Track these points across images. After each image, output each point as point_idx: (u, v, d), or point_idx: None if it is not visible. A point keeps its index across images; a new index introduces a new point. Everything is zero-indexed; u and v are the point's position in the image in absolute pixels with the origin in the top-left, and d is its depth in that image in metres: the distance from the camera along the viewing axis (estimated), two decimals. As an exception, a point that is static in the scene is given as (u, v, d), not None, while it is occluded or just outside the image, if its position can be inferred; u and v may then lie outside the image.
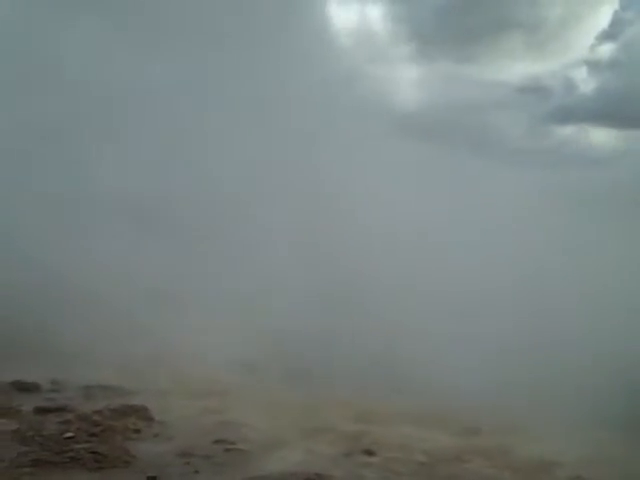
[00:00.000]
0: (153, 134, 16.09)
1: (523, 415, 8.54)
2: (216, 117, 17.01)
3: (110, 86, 16.25)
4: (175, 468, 6.19)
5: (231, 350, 10.47)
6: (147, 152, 15.44)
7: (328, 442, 7.05)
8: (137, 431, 7.12)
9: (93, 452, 6.27)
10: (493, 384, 9.07)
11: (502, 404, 8.96)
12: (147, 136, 15.98)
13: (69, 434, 6.70)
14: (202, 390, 8.99)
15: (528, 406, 8.82)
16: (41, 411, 7.50)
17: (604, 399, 8.86)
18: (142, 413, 7.57)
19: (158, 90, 16.50)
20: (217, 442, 6.88)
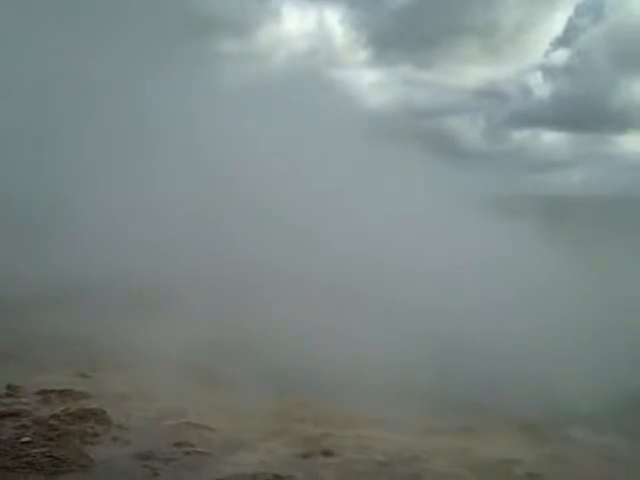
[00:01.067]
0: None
1: (481, 414, 8.70)
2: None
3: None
4: (134, 471, 6.16)
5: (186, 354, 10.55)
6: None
7: (287, 444, 7.05)
8: (95, 435, 7.03)
9: (50, 456, 6.20)
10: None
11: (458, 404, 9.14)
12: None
13: (25, 439, 6.62)
14: (160, 393, 8.97)
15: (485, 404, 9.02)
16: (-4, 416, 7.40)
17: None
18: (100, 417, 7.49)
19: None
20: (176, 445, 6.84)
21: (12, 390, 8.46)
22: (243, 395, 9.23)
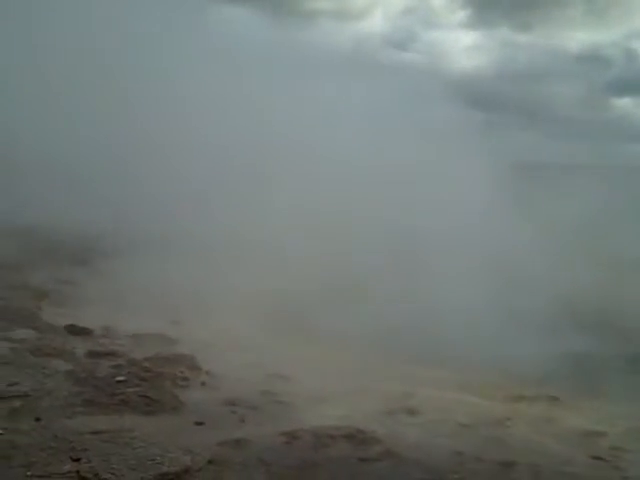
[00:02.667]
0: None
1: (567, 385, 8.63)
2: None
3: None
4: (222, 416, 6.34)
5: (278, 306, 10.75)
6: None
7: (371, 400, 7.12)
8: (185, 379, 7.28)
9: (143, 396, 6.44)
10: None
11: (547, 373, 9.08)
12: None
13: (121, 378, 6.89)
14: (247, 343, 9.19)
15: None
16: (94, 355, 7.71)
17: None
18: (190, 362, 7.74)
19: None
20: (262, 394, 7.01)
21: (108, 331, 8.82)
22: (329, 349, 9.40)
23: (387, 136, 18.12)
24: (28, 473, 4.80)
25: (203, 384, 7.27)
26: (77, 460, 5.02)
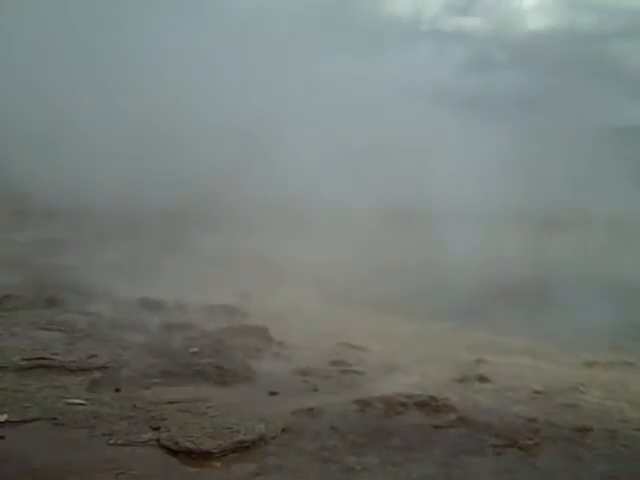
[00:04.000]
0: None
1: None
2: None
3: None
4: (294, 385, 6.44)
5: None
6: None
7: (442, 368, 7.12)
8: (257, 350, 7.40)
9: (217, 367, 6.59)
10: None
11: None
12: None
13: (194, 349, 7.06)
14: (317, 314, 9.27)
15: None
16: (167, 327, 7.91)
17: None
18: (262, 333, 7.87)
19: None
20: (334, 363, 7.09)
21: (180, 304, 9.01)
22: (398, 319, 9.42)
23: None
24: (110, 441, 4.97)
25: (275, 354, 7.38)
26: (157, 429, 5.18)
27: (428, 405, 5.90)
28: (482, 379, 6.75)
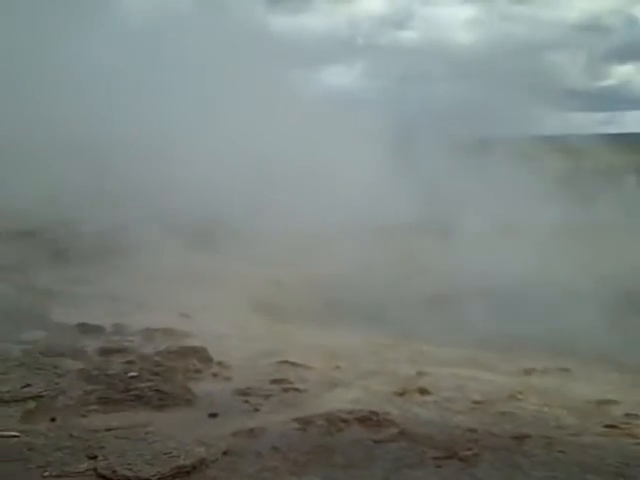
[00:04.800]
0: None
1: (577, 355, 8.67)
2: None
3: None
4: (235, 406, 6.38)
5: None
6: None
7: (383, 382, 7.16)
8: (197, 371, 7.32)
9: (157, 390, 6.48)
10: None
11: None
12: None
13: (133, 373, 6.94)
14: (258, 333, 9.24)
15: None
16: (105, 352, 7.76)
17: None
18: (201, 354, 7.77)
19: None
20: (275, 382, 7.04)
21: (118, 328, 8.87)
22: (340, 334, 9.45)
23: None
24: (45, 474, 4.84)
25: (215, 375, 7.32)
26: (94, 458, 5.06)
27: (369, 420, 5.91)
28: (422, 392, 6.80)
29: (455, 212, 15.40)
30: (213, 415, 6.11)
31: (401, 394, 6.74)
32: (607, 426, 5.99)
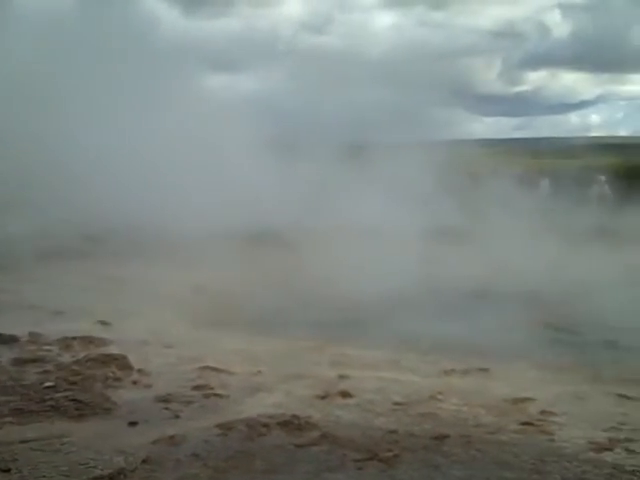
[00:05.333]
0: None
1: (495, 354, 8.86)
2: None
3: None
4: (155, 413, 6.29)
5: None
6: None
7: (306, 386, 7.16)
8: (117, 379, 7.18)
9: (74, 400, 6.35)
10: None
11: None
12: None
13: (49, 383, 6.78)
14: (179, 339, 9.14)
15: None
16: (20, 362, 7.54)
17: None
18: (121, 362, 7.64)
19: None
20: (196, 388, 6.98)
21: (34, 337, 8.64)
22: (261, 339, 9.43)
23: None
24: (-45, 489, 4.70)
25: (135, 383, 7.20)
26: (7, 471, 4.92)
27: (291, 424, 5.92)
28: (344, 395, 6.83)
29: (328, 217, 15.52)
30: (133, 423, 6.02)
31: (323, 397, 6.76)
32: (523, 423, 6.13)
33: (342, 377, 7.49)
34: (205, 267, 12.82)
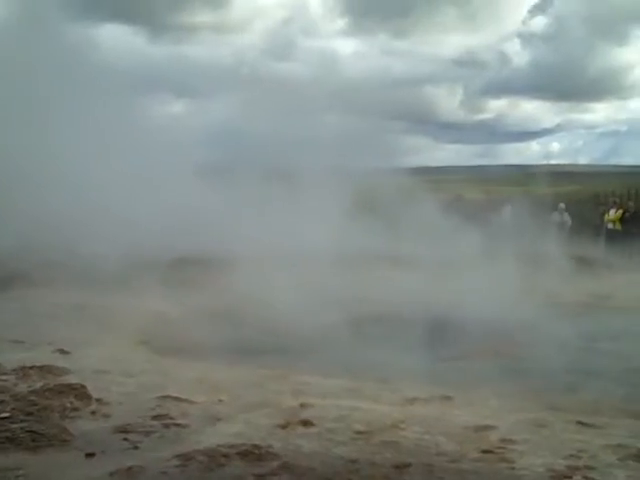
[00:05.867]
0: None
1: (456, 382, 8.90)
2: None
3: None
4: (113, 444, 6.21)
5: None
6: None
7: (266, 415, 7.12)
8: (75, 409, 7.08)
9: (30, 431, 6.23)
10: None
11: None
12: None
13: (4, 414, 6.64)
14: (139, 368, 9.04)
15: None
16: (-25, 393, 7.42)
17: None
18: (79, 391, 7.52)
19: None
20: (156, 418, 6.90)
21: (-10, 367, 8.49)
22: (223, 367, 9.37)
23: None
24: None
25: (93, 413, 7.10)
26: (-41, 505, 4.83)
27: (251, 454, 5.88)
28: (306, 424, 6.80)
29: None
30: (90, 455, 5.93)
31: (284, 427, 6.72)
32: (484, 451, 6.16)
33: (303, 406, 7.46)
34: (157, 293, 12.74)
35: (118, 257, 13.85)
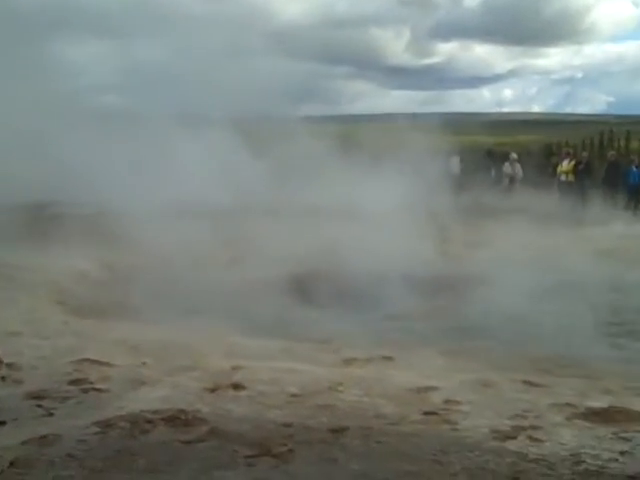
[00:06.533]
0: None
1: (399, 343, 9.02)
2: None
3: None
4: (26, 412, 6.14)
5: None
6: None
7: (195, 379, 7.11)
8: (-17, 375, 7.00)
9: None
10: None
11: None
12: None
13: None
14: (56, 329, 8.94)
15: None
16: None
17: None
18: (-12, 356, 7.45)
19: None
20: (73, 382, 6.84)
21: None
22: (147, 328, 9.31)
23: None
24: None
25: (3, 379, 7.00)
26: None
27: (177, 419, 5.87)
28: (236, 387, 6.82)
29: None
30: (1, 423, 5.86)
31: (213, 390, 6.72)
32: (426, 413, 6.26)
33: (235, 368, 7.48)
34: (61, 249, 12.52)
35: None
